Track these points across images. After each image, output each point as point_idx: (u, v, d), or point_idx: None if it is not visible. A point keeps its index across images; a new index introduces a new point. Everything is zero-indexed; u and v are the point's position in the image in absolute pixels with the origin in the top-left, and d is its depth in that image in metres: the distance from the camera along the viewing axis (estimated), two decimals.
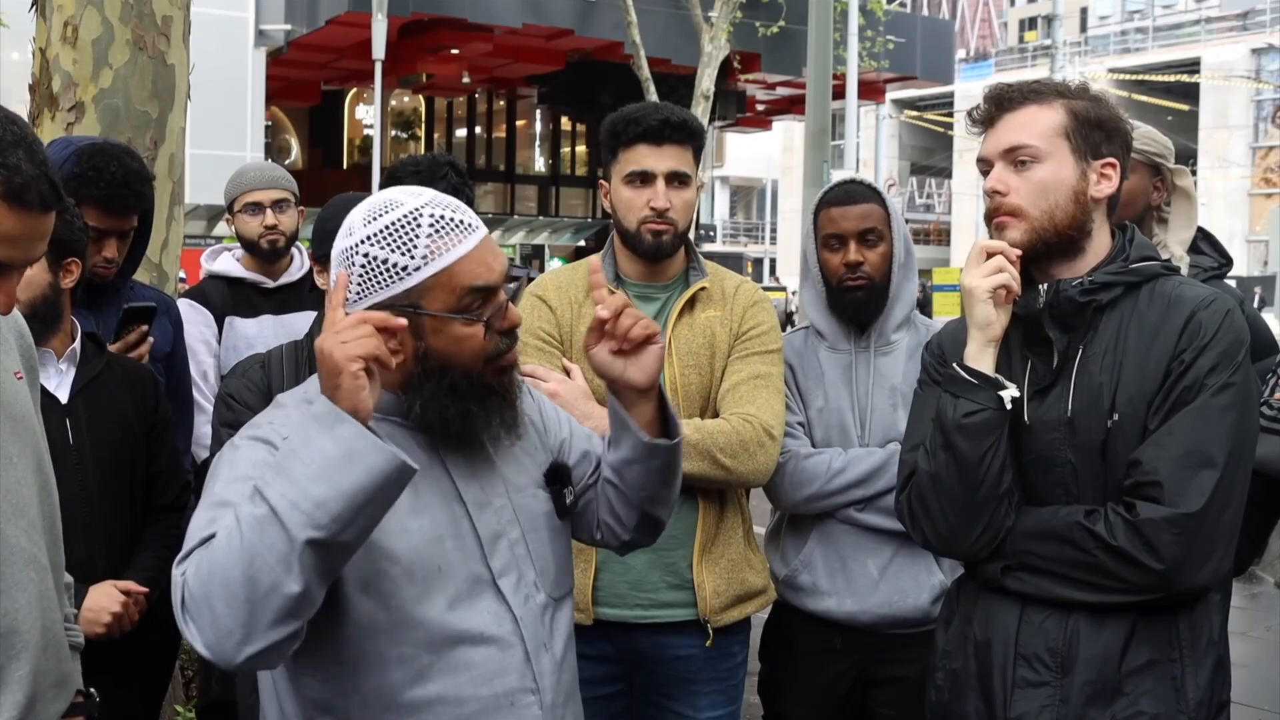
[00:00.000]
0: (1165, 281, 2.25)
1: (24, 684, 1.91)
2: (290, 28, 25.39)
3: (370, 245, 1.88)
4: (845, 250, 3.02)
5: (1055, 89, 2.30)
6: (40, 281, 2.82)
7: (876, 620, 2.99)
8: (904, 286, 3.07)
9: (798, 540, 3.09)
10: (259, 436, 1.88)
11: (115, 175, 3.22)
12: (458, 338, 1.90)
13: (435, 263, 1.87)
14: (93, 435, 2.89)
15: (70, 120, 4.21)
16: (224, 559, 1.63)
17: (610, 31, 23.80)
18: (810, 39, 12.87)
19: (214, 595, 1.63)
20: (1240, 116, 48.41)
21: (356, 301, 1.89)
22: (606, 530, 2.19)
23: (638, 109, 2.94)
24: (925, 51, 29.39)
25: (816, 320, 3.14)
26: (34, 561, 1.98)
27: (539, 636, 1.98)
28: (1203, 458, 2.08)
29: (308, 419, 1.68)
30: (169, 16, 4.37)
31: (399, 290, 1.87)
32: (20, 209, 1.77)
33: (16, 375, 2.05)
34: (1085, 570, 2.13)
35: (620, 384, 2.02)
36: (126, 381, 3.04)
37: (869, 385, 3.04)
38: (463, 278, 1.89)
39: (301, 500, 1.62)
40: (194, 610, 1.66)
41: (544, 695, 1.97)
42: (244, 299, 4.09)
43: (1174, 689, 2.16)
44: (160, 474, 3.07)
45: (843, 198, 3.06)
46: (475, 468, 1.99)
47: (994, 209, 2.28)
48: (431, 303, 1.88)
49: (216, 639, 1.65)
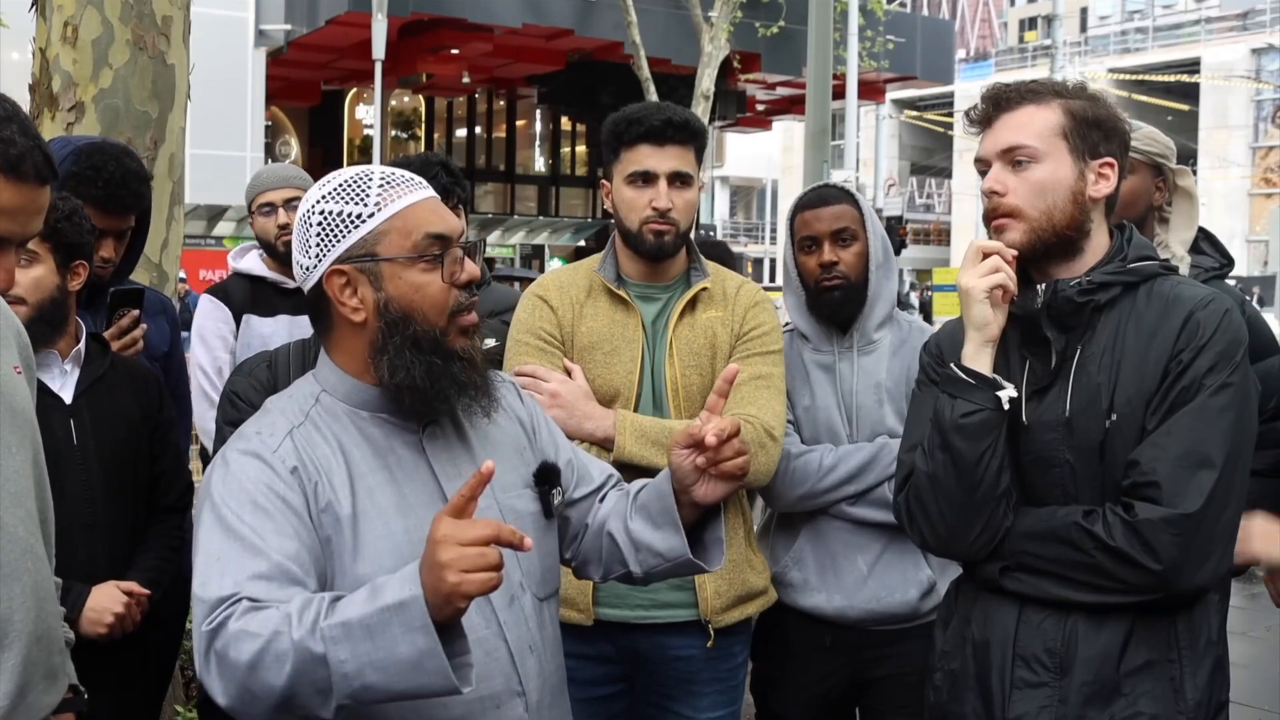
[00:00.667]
0: (1163, 281, 2.25)
1: (15, 673, 1.91)
2: (290, 28, 25.39)
3: (324, 203, 1.94)
4: (820, 251, 3.06)
5: (1053, 88, 2.30)
6: (49, 284, 2.84)
7: (864, 616, 3.01)
8: (883, 285, 3.10)
9: (788, 537, 3.11)
10: (249, 450, 1.89)
11: (113, 175, 3.22)
12: (417, 284, 1.92)
13: (388, 208, 1.92)
14: (96, 435, 2.90)
15: (70, 120, 4.21)
16: (269, 665, 1.66)
17: (610, 31, 23.79)
18: (810, 39, 12.88)
19: (251, 683, 1.68)
20: (1240, 116, 48.43)
21: (317, 264, 1.93)
22: (581, 562, 2.22)
23: (640, 109, 2.94)
24: (925, 51, 29.38)
25: (799, 323, 3.17)
26: (30, 551, 1.98)
27: (525, 638, 1.99)
28: (1201, 458, 2.08)
29: (399, 605, 1.63)
30: (169, 16, 4.38)
31: (355, 239, 1.91)
32: (17, 180, 1.80)
33: (15, 370, 2.06)
34: (1084, 571, 2.13)
35: (687, 496, 2.03)
36: (130, 382, 3.05)
37: (854, 384, 3.07)
38: (417, 222, 1.93)
39: (354, 677, 1.65)
40: (224, 676, 1.70)
41: (529, 697, 1.97)
42: (263, 298, 4.10)
43: (1172, 689, 2.16)
44: (164, 475, 3.08)
45: (815, 201, 3.11)
46: (461, 467, 1.99)
47: (992, 209, 2.28)
48: (387, 248, 1.91)
49: (240, 707, 1.71)
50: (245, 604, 1.71)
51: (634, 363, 2.90)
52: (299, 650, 1.65)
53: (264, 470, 1.85)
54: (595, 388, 2.87)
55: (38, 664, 1.98)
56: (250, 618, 1.69)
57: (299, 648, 1.65)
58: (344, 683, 1.65)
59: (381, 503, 1.90)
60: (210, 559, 1.78)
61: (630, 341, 2.92)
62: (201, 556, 1.79)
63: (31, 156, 1.80)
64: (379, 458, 1.94)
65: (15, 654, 1.92)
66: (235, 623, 1.70)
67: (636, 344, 2.92)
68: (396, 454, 1.95)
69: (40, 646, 1.99)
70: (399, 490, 1.91)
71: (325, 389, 1.99)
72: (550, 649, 2.07)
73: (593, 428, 2.80)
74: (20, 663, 1.93)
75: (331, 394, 1.98)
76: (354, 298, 1.91)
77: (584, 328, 2.94)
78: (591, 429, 2.79)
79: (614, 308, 2.95)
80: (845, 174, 19.10)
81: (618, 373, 2.90)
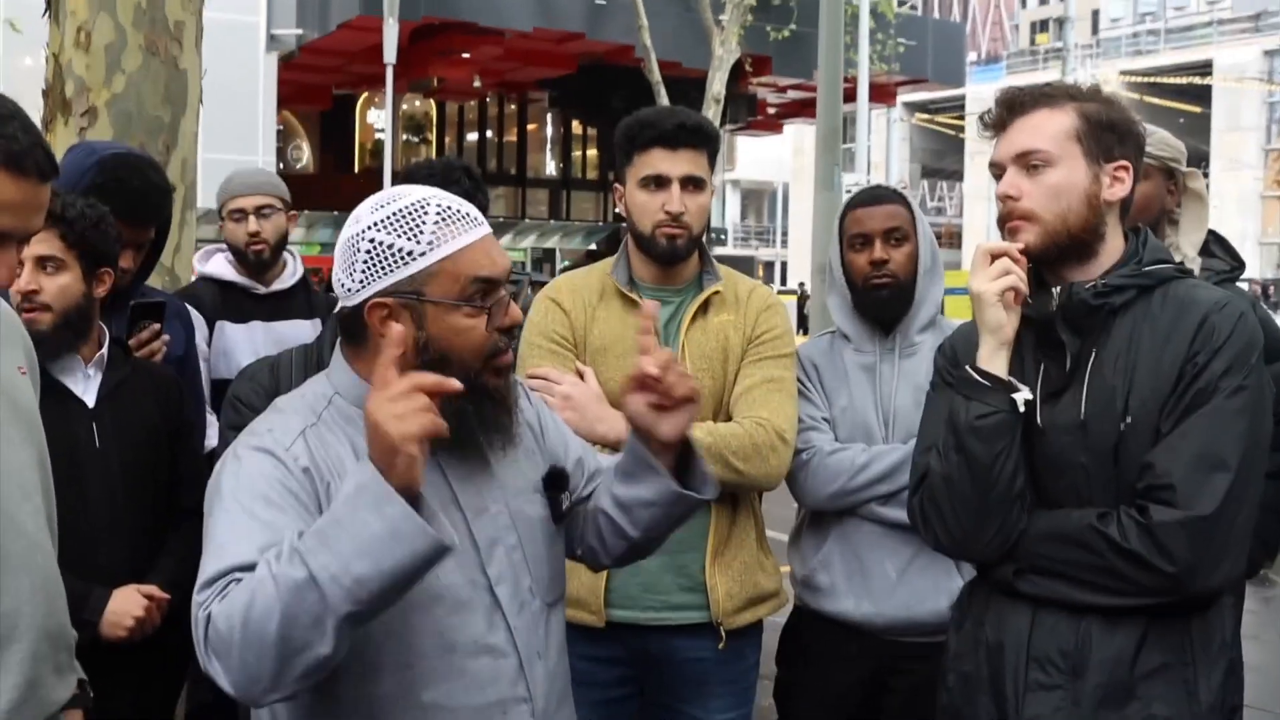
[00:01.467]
0: (1178, 284, 2.24)
1: (23, 667, 1.92)
2: (301, 32, 25.43)
3: (376, 230, 1.89)
4: (871, 249, 3.04)
5: (1067, 91, 2.30)
6: (75, 291, 2.85)
7: (892, 623, 2.97)
8: (929, 289, 3.08)
9: (817, 540, 3.09)
10: (261, 447, 1.88)
11: (137, 188, 3.23)
12: (459, 328, 1.89)
13: (440, 249, 1.88)
14: (119, 439, 2.91)
15: (83, 125, 4.23)
16: (258, 615, 1.64)
17: (621, 35, 23.78)
18: (821, 42, 12.86)
19: (245, 645, 1.65)
20: (1253, 118, 48.27)
21: (360, 289, 1.90)
22: (588, 552, 2.20)
23: (653, 113, 2.95)
24: (936, 54, 29.35)
25: (842, 324, 3.14)
26: (39, 546, 1.99)
27: (533, 644, 1.98)
28: (1216, 461, 2.07)
29: (357, 489, 1.65)
30: (181, 21, 4.39)
31: (404, 275, 1.87)
32: (19, 176, 1.81)
33: (20, 370, 2.07)
34: (1098, 573, 2.13)
35: (651, 436, 2.02)
36: (152, 386, 3.06)
37: (894, 385, 3.05)
38: (467, 266, 1.89)
39: (343, 575, 1.62)
40: (221, 652, 1.67)
41: (536, 703, 1.97)
42: (234, 304, 4.05)
43: (1186, 692, 2.15)
44: (183, 478, 3.08)
45: (869, 199, 3.10)
46: (473, 473, 1.98)
47: (1007, 214, 2.27)
48: (435, 290, 1.88)
49: (245, 684, 1.68)
50: (234, 575, 1.70)
51: None
52: (282, 585, 1.63)
53: (277, 467, 1.84)
54: (607, 390, 2.87)
55: (46, 658, 1.99)
56: (235, 587, 1.69)
57: (282, 582, 1.63)
58: (334, 587, 1.62)
59: None
60: (217, 548, 1.76)
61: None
62: (210, 545, 1.78)
63: (33, 153, 1.81)
64: None
65: (24, 647, 1.93)
66: (223, 597, 1.69)
67: None
68: None
69: (49, 641, 1.99)
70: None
71: (339, 391, 1.98)
72: (556, 654, 2.06)
73: (605, 430, 2.80)
74: (29, 656, 1.94)
75: (345, 396, 1.97)
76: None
77: (596, 330, 2.95)
78: (604, 432, 2.79)
79: (626, 311, 2.95)
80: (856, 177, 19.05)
81: (630, 375, 2.89)
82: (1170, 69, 48.92)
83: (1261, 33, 49.01)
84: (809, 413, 3.05)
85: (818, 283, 12.64)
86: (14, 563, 1.92)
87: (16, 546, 1.93)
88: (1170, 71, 48.55)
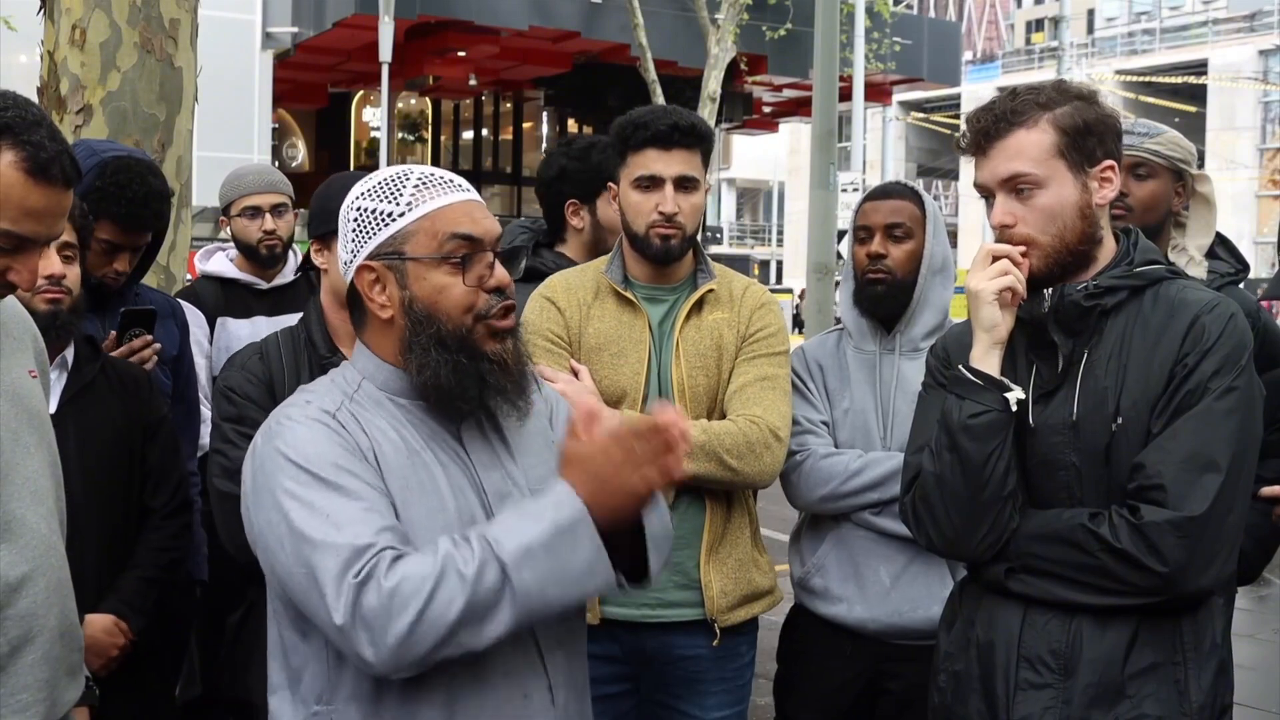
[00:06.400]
0: (1169, 285, 2.25)
1: (38, 667, 1.93)
2: (297, 30, 25.40)
3: (361, 199, 1.98)
4: (870, 242, 3.04)
5: (1036, 103, 2.25)
6: (79, 282, 2.89)
7: (886, 629, 2.98)
8: (935, 292, 3.06)
9: (814, 542, 3.10)
10: (311, 417, 1.91)
11: (136, 194, 3.23)
12: (439, 286, 1.94)
13: (419, 209, 1.95)
14: (79, 445, 2.81)
15: (78, 123, 4.23)
16: (441, 602, 1.73)
17: (617, 34, 23.76)
18: (817, 41, 12.86)
19: (416, 623, 1.72)
20: (1248, 118, 48.31)
21: (353, 260, 1.97)
22: None
23: (646, 113, 2.95)
24: (932, 53, 29.32)
25: (845, 317, 3.15)
26: (54, 549, 2.01)
27: (554, 633, 1.99)
28: (1206, 461, 2.08)
29: (572, 522, 1.77)
30: (176, 19, 4.39)
31: (385, 236, 1.95)
32: (45, 184, 1.84)
33: (31, 374, 2.08)
34: (1089, 573, 2.14)
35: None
36: (120, 387, 3.00)
37: (893, 388, 3.04)
38: (445, 224, 1.94)
39: (537, 595, 1.76)
40: (376, 626, 1.73)
41: (556, 693, 1.98)
42: (237, 300, 4.09)
43: (1177, 692, 2.16)
44: (151, 474, 3.02)
45: (878, 193, 3.11)
46: (496, 461, 2.01)
47: (1005, 241, 2.26)
48: (414, 248, 1.94)
49: (393, 657, 1.74)
50: (390, 553, 1.76)
51: (641, 364, 2.91)
52: (476, 584, 1.73)
53: (330, 435, 1.88)
54: (602, 389, 2.88)
55: (60, 659, 2.00)
56: (403, 565, 1.74)
57: (475, 582, 1.73)
58: (524, 601, 1.74)
59: (425, 481, 1.92)
60: (318, 515, 1.79)
61: (637, 343, 2.93)
62: (313, 517, 1.79)
63: (60, 160, 1.85)
64: (423, 440, 1.96)
65: (39, 648, 1.95)
66: (392, 571, 1.73)
67: (643, 345, 2.93)
68: (439, 439, 1.97)
69: (63, 642, 2.01)
70: (446, 472, 1.94)
71: (365, 377, 2.00)
72: (575, 645, 2.08)
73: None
74: (43, 657, 1.95)
75: (371, 381, 1.99)
76: (382, 294, 1.95)
77: (591, 329, 2.95)
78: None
79: (621, 309, 2.96)
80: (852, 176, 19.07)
81: (625, 374, 2.91)
82: (1165, 68, 48.95)
83: (1256, 32, 49.03)
84: (808, 415, 3.05)
85: (813, 281, 12.64)
86: (30, 566, 1.93)
87: (31, 551, 1.94)
88: (1165, 71, 48.58)
